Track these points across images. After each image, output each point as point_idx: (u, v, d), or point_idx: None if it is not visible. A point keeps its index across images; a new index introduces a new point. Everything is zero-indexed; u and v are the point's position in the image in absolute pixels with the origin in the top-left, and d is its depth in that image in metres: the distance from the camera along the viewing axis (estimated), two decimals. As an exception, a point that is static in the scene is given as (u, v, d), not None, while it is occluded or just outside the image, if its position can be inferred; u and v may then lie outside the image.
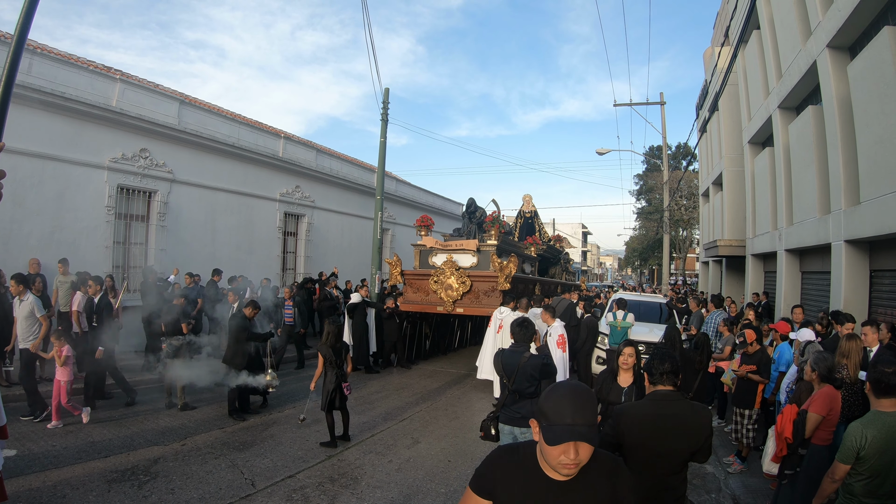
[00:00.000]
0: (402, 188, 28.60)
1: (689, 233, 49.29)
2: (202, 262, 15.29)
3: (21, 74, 11.25)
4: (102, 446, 7.39)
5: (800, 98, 14.06)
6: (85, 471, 6.48)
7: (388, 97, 17.52)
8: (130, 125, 13.81)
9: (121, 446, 7.43)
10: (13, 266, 10.34)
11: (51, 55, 12.55)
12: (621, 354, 5.43)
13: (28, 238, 11.65)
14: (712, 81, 20.62)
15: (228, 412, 9.12)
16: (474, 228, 14.12)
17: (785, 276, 14.25)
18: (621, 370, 5.42)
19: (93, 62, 14.89)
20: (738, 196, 20.37)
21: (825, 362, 5.11)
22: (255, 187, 18.15)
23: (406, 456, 7.58)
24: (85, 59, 14.75)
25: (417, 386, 12.23)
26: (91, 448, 7.29)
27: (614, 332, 11.53)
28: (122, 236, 14.07)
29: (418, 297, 13.62)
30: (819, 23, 11.57)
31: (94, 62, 15.03)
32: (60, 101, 12.11)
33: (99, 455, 7.03)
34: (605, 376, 5.63)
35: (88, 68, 13.36)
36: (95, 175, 13.16)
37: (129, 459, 6.95)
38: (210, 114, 16.90)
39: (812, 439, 4.94)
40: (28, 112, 11.51)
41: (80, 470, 6.50)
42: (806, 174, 12.86)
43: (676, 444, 3.44)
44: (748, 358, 7.69)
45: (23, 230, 11.57)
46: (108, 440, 7.66)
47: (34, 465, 6.56)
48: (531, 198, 19.22)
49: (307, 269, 19.93)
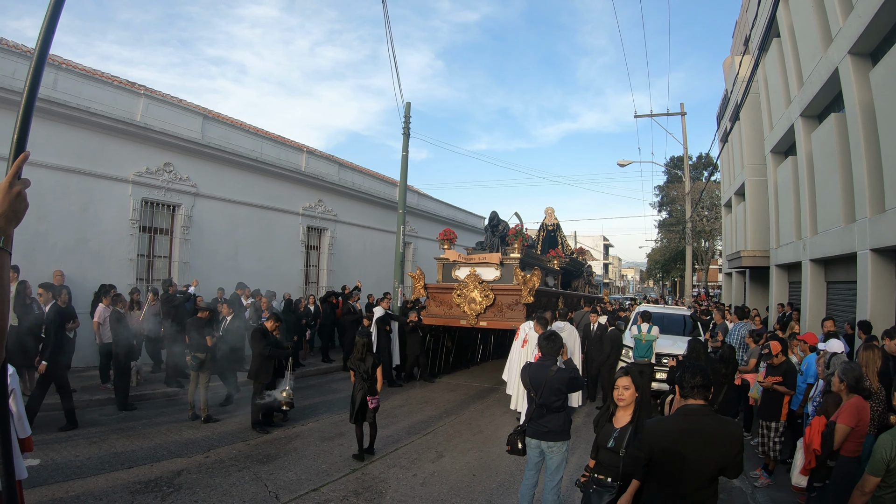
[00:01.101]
0: (424, 202, 28.68)
1: (712, 244, 48.91)
2: (225, 275, 15.46)
3: (46, 89, 11.54)
4: (126, 457, 7.44)
5: (822, 106, 13.96)
6: (108, 482, 6.53)
7: (409, 111, 17.60)
8: (154, 139, 14.01)
9: (144, 457, 7.48)
10: (38, 277, 10.51)
11: (75, 70, 12.78)
12: (615, 388, 4.47)
13: (53, 250, 11.81)
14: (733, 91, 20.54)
15: (252, 425, 9.16)
16: (497, 242, 14.13)
17: (810, 287, 14.09)
18: (618, 407, 4.49)
19: (117, 77, 15.12)
20: (761, 206, 20.21)
21: (853, 372, 5.05)
22: (278, 201, 18.29)
23: (430, 470, 7.58)
24: (109, 75, 14.99)
25: (440, 399, 12.23)
26: (114, 459, 7.35)
27: (639, 345, 11.46)
28: (145, 249, 14.26)
29: (441, 311, 13.65)
30: (840, 29, 11.51)
31: (118, 77, 15.26)
32: (85, 116, 12.31)
33: (122, 466, 7.09)
34: (601, 414, 4.79)
35: (113, 83, 13.59)
36: (120, 188, 13.36)
37: (152, 471, 7.00)
38: (233, 128, 17.10)
39: (841, 451, 4.90)
40: (53, 126, 11.71)
41: (103, 481, 6.55)
42: (829, 183, 12.76)
43: (706, 460, 3.42)
44: (774, 369, 7.62)
45: (47, 242, 11.74)
46: (131, 451, 7.72)
47: (57, 475, 6.61)
48: (553, 211, 19.22)
49: (330, 283, 20.02)
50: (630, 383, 4.37)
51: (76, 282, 11.79)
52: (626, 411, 4.41)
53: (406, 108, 17.61)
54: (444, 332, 15.12)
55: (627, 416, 4.39)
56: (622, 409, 4.43)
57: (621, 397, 4.38)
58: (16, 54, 11.57)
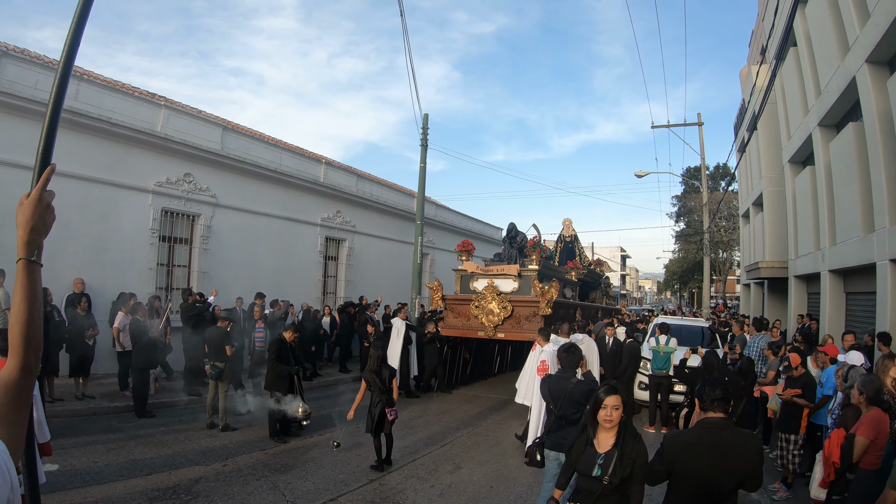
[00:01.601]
0: (442, 213, 28.78)
1: (730, 254, 48.67)
2: (244, 285, 15.58)
3: (69, 100, 11.68)
4: (144, 464, 7.52)
5: (840, 115, 13.92)
6: (126, 488, 6.60)
7: (427, 123, 17.69)
8: (175, 150, 14.23)
9: (162, 465, 7.55)
10: (58, 285, 10.66)
11: (97, 81, 13.02)
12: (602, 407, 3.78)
13: (73, 258, 11.97)
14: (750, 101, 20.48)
15: (269, 434, 9.21)
16: (515, 253, 14.13)
17: (829, 298, 14.00)
18: (601, 428, 3.84)
19: (137, 88, 15.41)
20: (779, 216, 20.13)
21: (873, 385, 5.04)
22: (297, 212, 18.46)
23: (448, 481, 7.60)
24: (130, 86, 15.28)
25: (458, 411, 12.24)
26: (133, 466, 7.43)
27: (657, 357, 11.41)
28: (165, 258, 14.45)
29: (459, 322, 13.66)
30: (856, 38, 11.49)
31: (139, 88, 15.53)
32: (107, 126, 12.53)
33: (140, 473, 7.16)
34: (578, 436, 4.09)
35: (134, 95, 13.85)
36: (140, 198, 13.56)
37: (170, 478, 7.06)
38: (252, 139, 17.30)
39: (860, 464, 4.88)
40: (75, 136, 11.91)
41: (121, 487, 6.62)
42: (848, 192, 12.70)
43: (725, 473, 3.43)
44: (793, 382, 7.59)
45: (68, 250, 11.88)
46: (149, 458, 7.79)
47: (75, 480, 6.68)
48: (571, 222, 19.23)
49: (347, 294, 20.13)
50: (620, 402, 3.79)
51: (96, 290, 11.99)
52: (610, 433, 3.82)
53: (424, 120, 17.69)
54: (461, 343, 15.12)
55: (611, 439, 3.82)
56: (605, 432, 3.85)
57: (609, 418, 3.78)
58: (38, 65, 11.83)
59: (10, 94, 10.99)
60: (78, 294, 11.11)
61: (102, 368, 11.97)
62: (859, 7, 11.50)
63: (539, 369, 9.16)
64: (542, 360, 9.17)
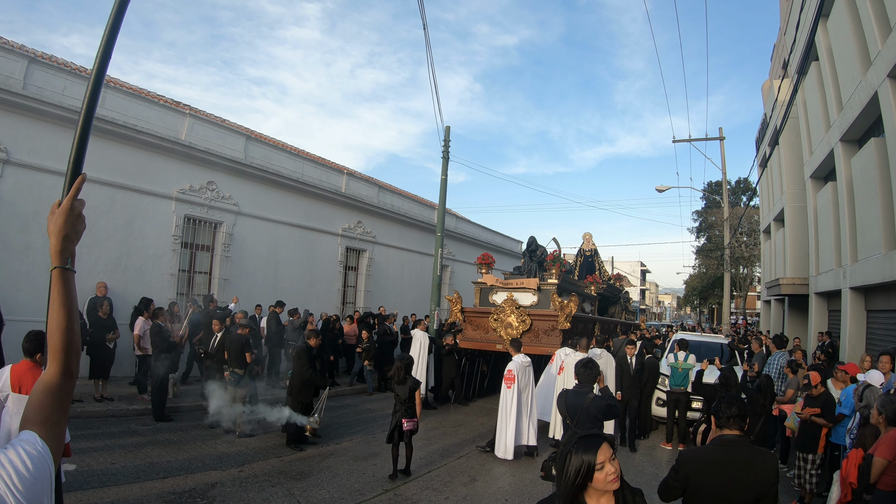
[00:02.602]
0: (462, 225, 28.82)
1: (750, 270, 48.30)
2: (264, 293, 15.78)
3: None
4: (161, 467, 7.58)
5: (862, 130, 13.83)
6: (143, 490, 6.66)
7: (448, 135, 17.75)
8: (198, 158, 14.46)
9: (179, 468, 7.61)
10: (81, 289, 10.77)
11: (123, 89, 13.25)
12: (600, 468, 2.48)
13: (96, 263, 12.22)
14: (772, 115, 20.41)
15: (286, 442, 9.25)
16: (535, 267, 14.15)
17: (850, 316, 13.87)
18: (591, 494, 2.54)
19: (162, 97, 15.66)
20: (800, 232, 20.00)
21: (892, 405, 5.00)
22: (318, 222, 18.62)
23: (463, 493, 7.60)
24: (155, 94, 15.53)
25: (475, 423, 12.24)
26: (149, 468, 7.49)
27: (675, 374, 11.34)
28: (186, 265, 14.65)
29: (478, 335, 13.68)
30: (878, 52, 11.43)
31: (164, 97, 15.80)
32: (132, 134, 12.77)
33: (157, 476, 7.22)
34: None
35: (159, 103, 14.08)
36: (163, 205, 13.77)
37: (186, 482, 7.12)
38: (275, 149, 17.50)
39: (878, 485, 4.84)
40: (100, 142, 12.12)
41: (137, 489, 6.68)
42: (870, 209, 12.60)
43: (741, 491, 3.43)
44: (812, 400, 7.54)
45: (91, 255, 12.11)
46: (166, 462, 7.86)
47: (92, 480, 6.75)
48: (591, 236, 19.19)
49: (367, 304, 20.23)
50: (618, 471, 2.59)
51: (118, 294, 12.21)
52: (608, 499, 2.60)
53: (446, 132, 17.75)
54: (479, 356, 15.11)
55: None
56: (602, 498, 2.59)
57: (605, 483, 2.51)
58: (65, 71, 12.07)
59: (39, 99, 11.24)
60: (100, 298, 11.29)
61: (122, 371, 12.13)
62: (881, 21, 11.46)
63: (505, 377, 9.25)
64: (509, 370, 9.33)
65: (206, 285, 15.11)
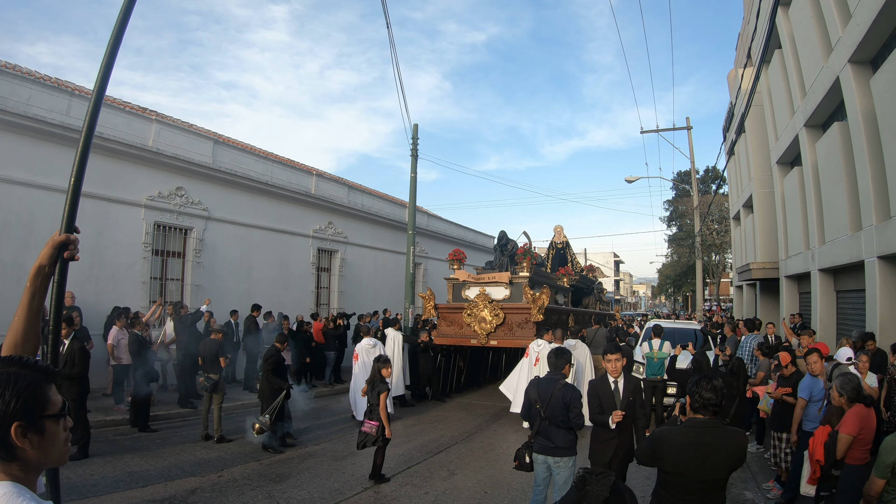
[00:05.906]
0: (434, 222, 28.87)
1: (722, 257, 48.84)
2: (238, 297, 15.64)
3: (60, 115, 11.92)
4: (140, 476, 7.54)
5: (825, 115, 14.01)
6: (123, 500, 6.63)
7: (416, 133, 17.70)
8: (166, 164, 14.31)
9: (158, 476, 7.57)
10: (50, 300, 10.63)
11: (89, 97, 13.00)
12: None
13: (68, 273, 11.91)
14: (737, 103, 20.59)
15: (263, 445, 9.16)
16: (506, 261, 14.17)
17: (820, 297, 14.07)
18: None
19: (129, 103, 15.49)
20: (769, 217, 20.21)
21: (850, 384, 5.09)
22: (289, 224, 18.53)
23: (442, 488, 7.61)
24: (122, 101, 15.38)
25: (452, 419, 12.25)
26: (129, 477, 7.45)
27: (651, 363, 11.35)
28: (158, 272, 14.52)
29: (452, 331, 13.69)
30: (839, 38, 11.58)
31: (131, 103, 15.63)
32: (99, 142, 12.49)
33: (137, 485, 7.18)
34: None
35: (125, 109, 13.93)
36: (133, 212, 13.63)
37: (166, 490, 7.08)
38: (243, 153, 17.39)
39: (846, 460, 4.92)
40: (68, 152, 11.90)
41: (118, 499, 6.64)
42: (836, 191, 12.77)
43: (716, 470, 3.56)
44: (784, 380, 7.64)
45: (62, 265, 11.84)
46: (145, 470, 7.81)
47: (72, 492, 6.69)
48: (562, 229, 19.25)
49: (341, 305, 20.15)
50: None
51: (90, 304, 12.02)
52: None
53: (414, 130, 17.72)
54: (455, 351, 15.15)
55: None
56: None
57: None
58: (29, 80, 11.90)
59: (3, 109, 11.06)
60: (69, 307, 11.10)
61: (96, 382, 11.92)
62: (841, 7, 11.60)
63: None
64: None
65: (179, 292, 14.95)
